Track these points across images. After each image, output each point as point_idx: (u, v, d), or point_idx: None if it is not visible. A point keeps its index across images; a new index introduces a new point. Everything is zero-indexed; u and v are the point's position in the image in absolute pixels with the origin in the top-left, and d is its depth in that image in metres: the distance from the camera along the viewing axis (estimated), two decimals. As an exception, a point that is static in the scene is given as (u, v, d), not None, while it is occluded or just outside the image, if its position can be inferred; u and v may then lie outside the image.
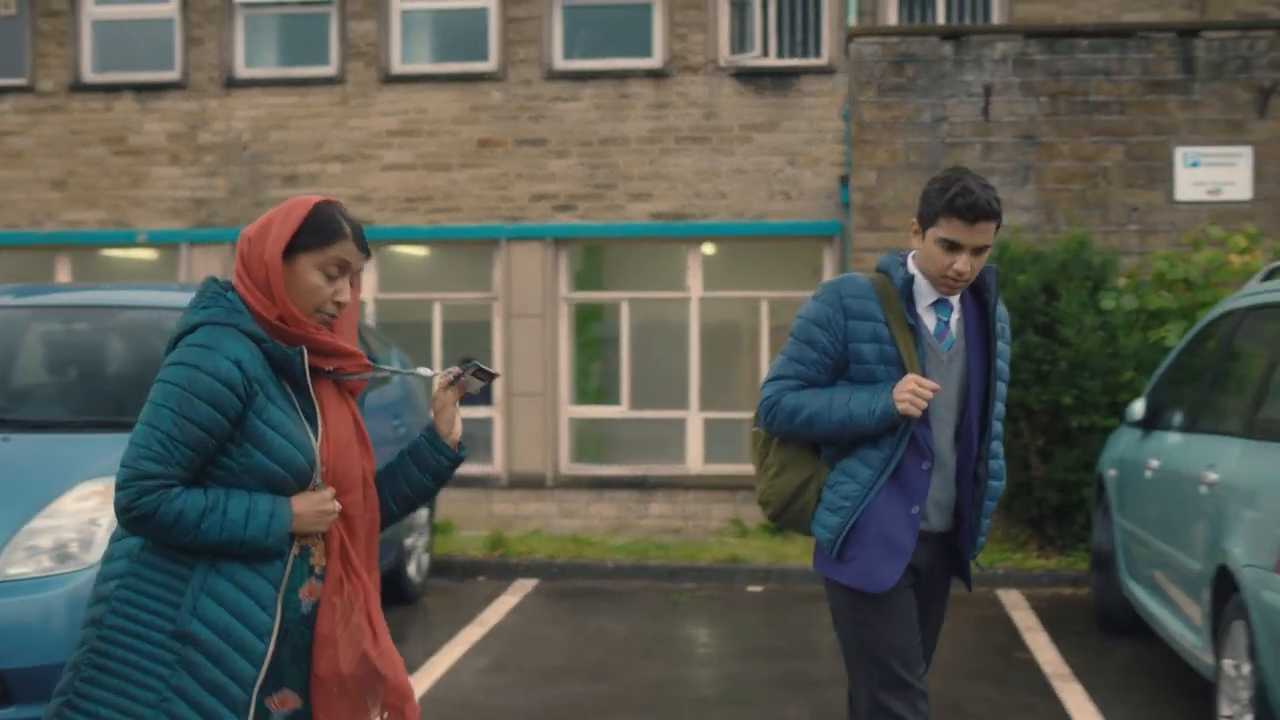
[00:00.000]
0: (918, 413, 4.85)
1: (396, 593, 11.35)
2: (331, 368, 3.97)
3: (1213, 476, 7.52)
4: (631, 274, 18.59)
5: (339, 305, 3.92)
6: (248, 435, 3.77)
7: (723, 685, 9.41)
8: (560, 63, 18.11)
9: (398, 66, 18.29)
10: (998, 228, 4.88)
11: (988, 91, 13.45)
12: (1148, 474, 9.18)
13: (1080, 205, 13.42)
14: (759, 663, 10.02)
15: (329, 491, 3.92)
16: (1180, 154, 13.50)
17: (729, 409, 17.82)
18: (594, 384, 18.55)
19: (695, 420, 17.97)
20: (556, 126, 17.94)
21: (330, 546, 3.96)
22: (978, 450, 5.11)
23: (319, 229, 3.87)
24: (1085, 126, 13.48)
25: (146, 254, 18.81)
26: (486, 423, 18.08)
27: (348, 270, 3.92)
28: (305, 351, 3.86)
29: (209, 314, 3.83)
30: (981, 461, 5.11)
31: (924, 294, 5.03)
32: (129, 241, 18.45)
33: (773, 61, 17.95)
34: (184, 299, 10.21)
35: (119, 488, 3.72)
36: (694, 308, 18.08)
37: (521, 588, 12.64)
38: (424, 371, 4.51)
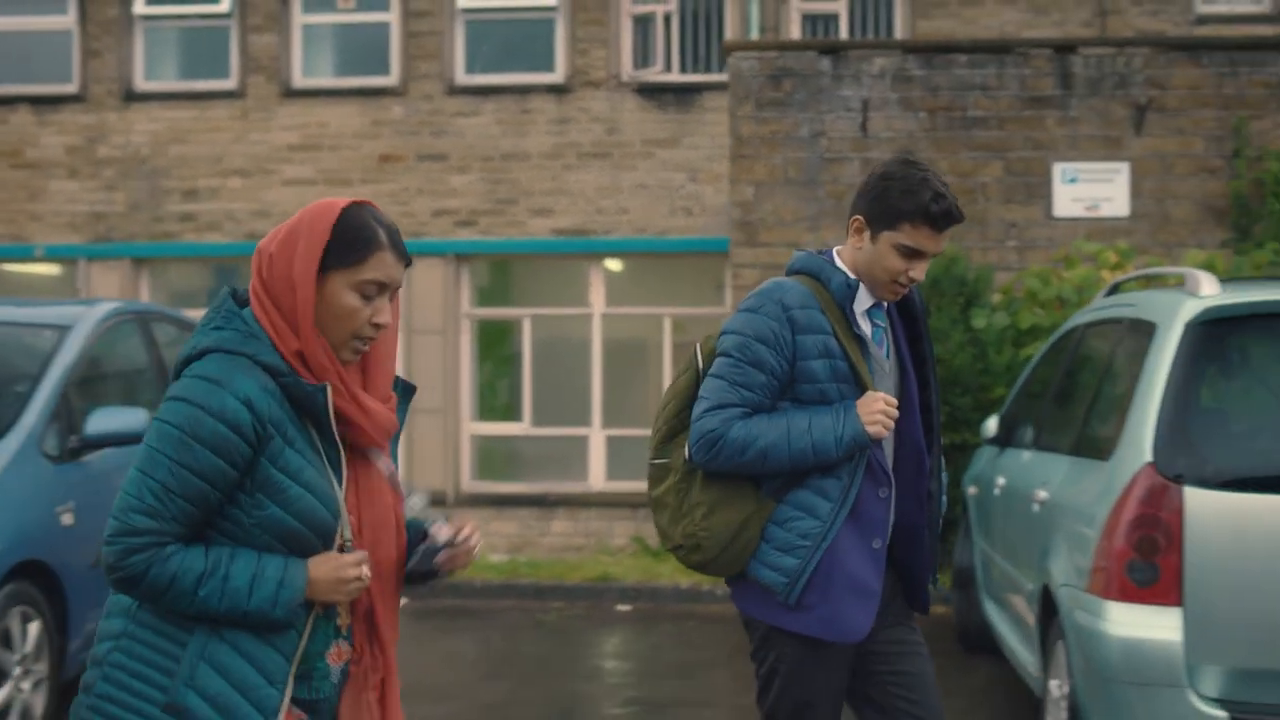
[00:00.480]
0: (886, 434, 4.44)
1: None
2: (344, 434, 3.39)
3: (1043, 495, 7.49)
4: (533, 290, 18.48)
5: (377, 329, 3.38)
6: (260, 484, 3.26)
7: (561, 705, 9.30)
8: (462, 77, 18.01)
9: (299, 80, 18.18)
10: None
11: (866, 107, 13.39)
12: (996, 492, 9.15)
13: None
14: (604, 683, 9.92)
15: (358, 555, 3.36)
16: (1058, 170, 13.45)
17: (631, 426, 17.71)
18: (496, 401, 18.43)
19: (598, 437, 17.87)
20: (458, 142, 17.84)
21: (357, 607, 3.47)
22: (929, 466, 4.65)
23: (352, 242, 3.32)
24: (963, 142, 13.43)
25: (46, 269, 18.65)
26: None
27: (387, 288, 3.37)
28: (329, 389, 3.30)
29: (220, 338, 3.30)
30: (934, 478, 4.67)
31: (861, 300, 4.58)
32: (27, 256, 18.29)
33: (675, 77, 17.88)
34: (23, 314, 10.09)
35: (106, 542, 3.24)
36: (596, 324, 17.98)
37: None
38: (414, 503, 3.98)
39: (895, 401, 4.44)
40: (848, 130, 13.41)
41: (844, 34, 17.73)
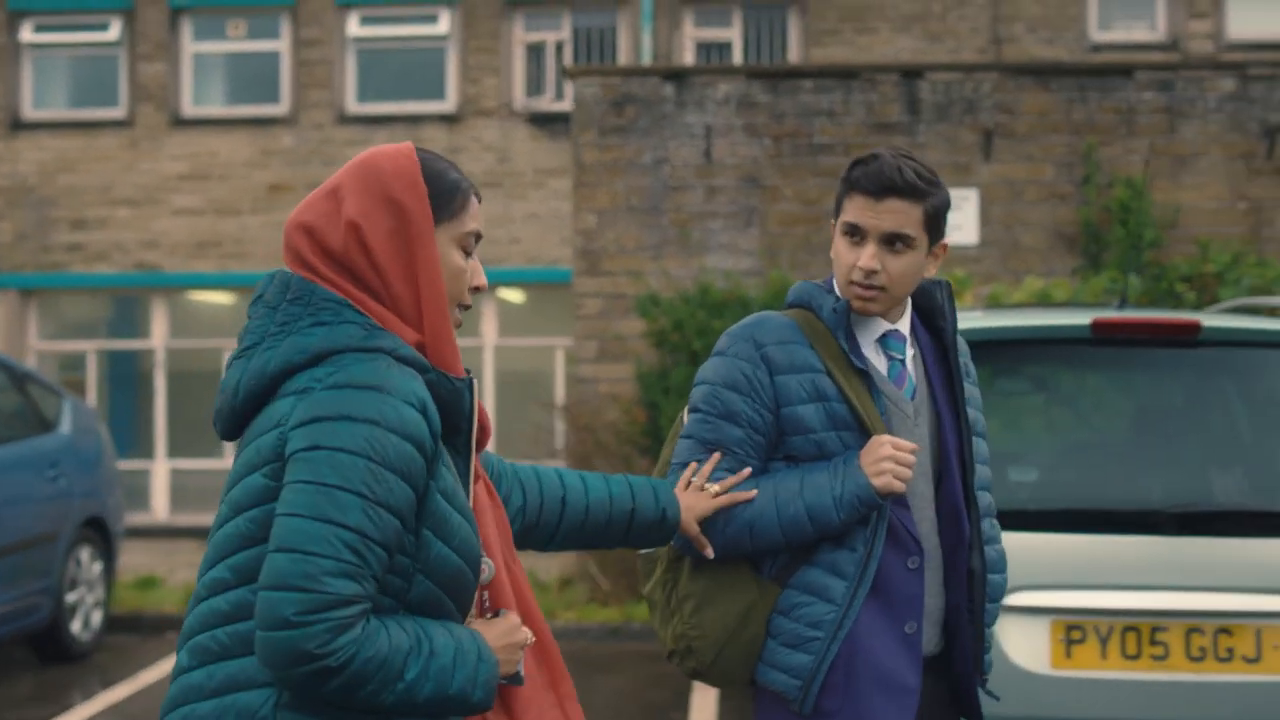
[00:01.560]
0: (903, 487, 3.48)
1: (56, 651, 10.97)
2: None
3: None
4: (426, 321, 18.24)
5: (476, 291, 2.85)
6: (427, 516, 2.59)
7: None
8: (353, 106, 17.85)
9: (188, 109, 18.03)
10: (932, 218, 3.56)
11: (710, 133, 13.14)
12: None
13: (804, 249, 13.08)
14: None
15: (513, 617, 2.76)
16: (906, 198, 13.14)
17: (525, 458, 17.44)
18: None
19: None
20: (348, 171, 17.63)
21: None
22: (969, 534, 3.65)
23: (450, 190, 2.75)
24: (810, 169, 13.16)
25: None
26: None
27: (479, 241, 2.82)
28: (474, 382, 2.75)
29: (342, 335, 2.61)
30: (974, 549, 3.64)
31: (868, 327, 3.66)
32: (-88, 285, 18.18)
33: (567, 106, 17.67)
34: None
35: (291, 623, 2.43)
36: (489, 355, 17.75)
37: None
38: None
39: (911, 446, 3.51)
40: (691, 157, 13.15)
41: (737, 60, 17.52)
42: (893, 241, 3.50)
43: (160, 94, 17.94)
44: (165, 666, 11.24)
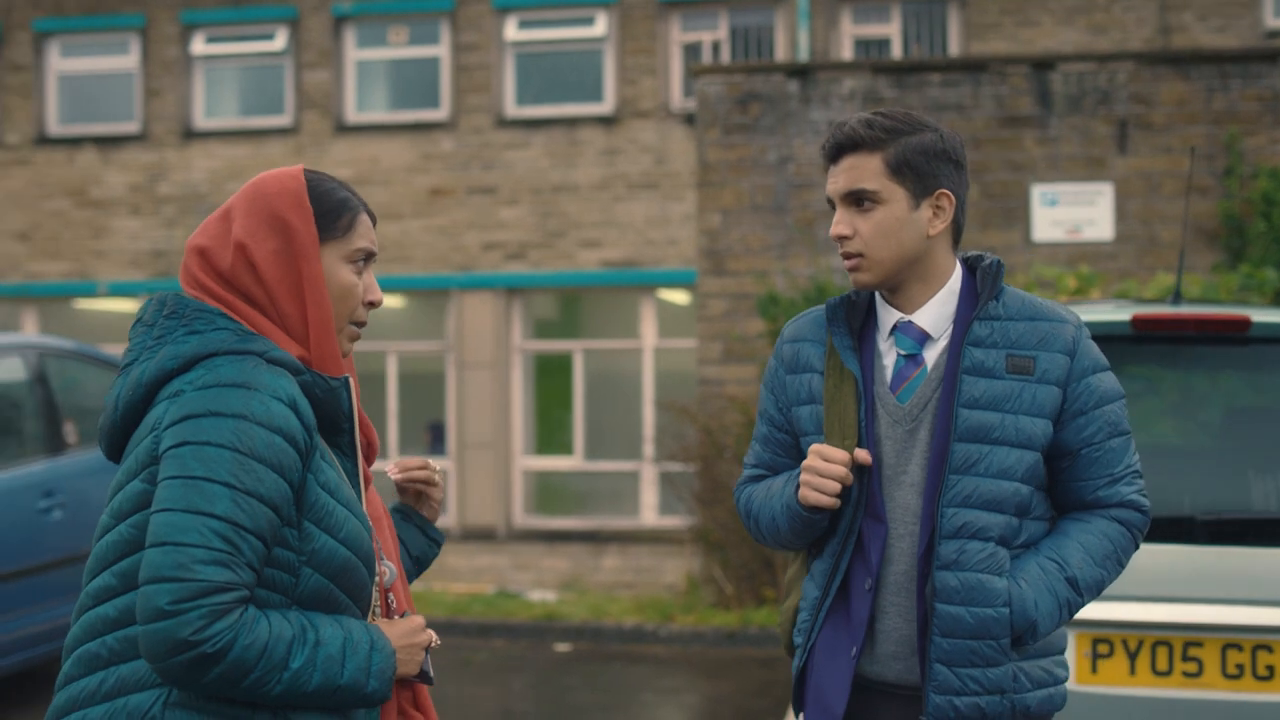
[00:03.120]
0: (823, 499, 3.26)
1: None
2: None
3: None
4: (584, 323, 18.29)
5: (370, 307, 2.89)
6: (308, 509, 2.63)
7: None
8: (511, 110, 17.93)
9: (351, 116, 18.29)
10: (898, 165, 3.27)
11: (835, 130, 12.90)
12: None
13: (934, 248, 12.74)
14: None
15: (418, 619, 2.83)
16: (1038, 192, 12.76)
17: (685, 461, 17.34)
18: (547, 435, 18.25)
19: (649, 472, 17.55)
20: (507, 175, 17.75)
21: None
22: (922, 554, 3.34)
23: (335, 208, 2.81)
24: (937, 165, 12.82)
25: (113, 304, 19.03)
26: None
27: (372, 258, 2.88)
28: (350, 381, 2.79)
29: (215, 340, 2.66)
30: (930, 573, 3.28)
31: (886, 317, 3.40)
32: (91, 293, 18.70)
33: (723, 105, 17.54)
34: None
35: (161, 615, 2.46)
36: (648, 357, 17.69)
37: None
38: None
39: (841, 456, 3.26)
40: (816, 155, 12.92)
41: (896, 52, 17.22)
42: (859, 200, 3.30)
43: (324, 101, 18.23)
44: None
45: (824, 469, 3.25)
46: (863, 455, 3.29)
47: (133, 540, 2.61)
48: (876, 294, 3.43)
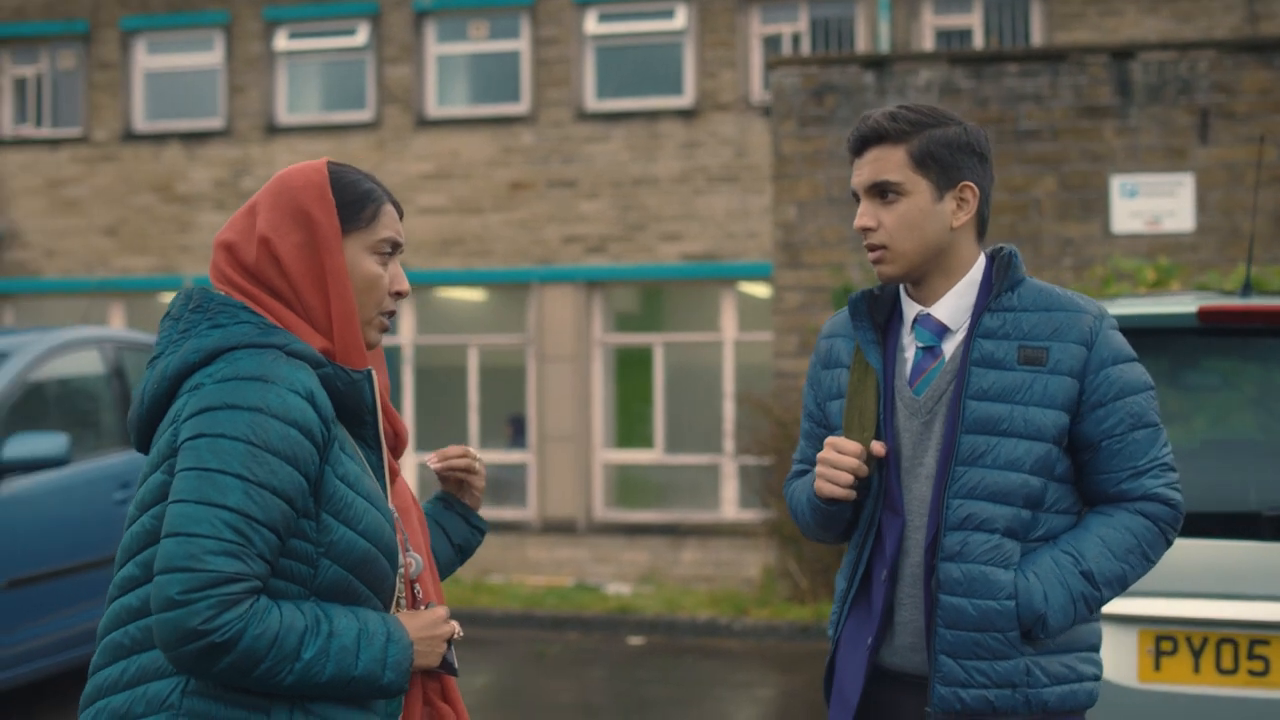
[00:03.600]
0: (838, 492, 3.27)
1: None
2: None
3: None
4: (665, 316, 18.28)
5: (398, 297, 2.90)
6: (326, 500, 2.65)
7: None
8: (591, 103, 17.94)
9: (432, 110, 18.37)
10: (922, 157, 3.26)
11: (912, 122, 12.80)
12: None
13: (1012, 239, 12.63)
14: (534, 718, 9.69)
15: (440, 610, 2.84)
16: (1117, 183, 12.62)
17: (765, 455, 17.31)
18: (627, 428, 18.25)
19: (729, 465, 17.52)
20: (587, 168, 17.76)
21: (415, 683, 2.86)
22: (929, 545, 3.31)
23: (359, 200, 2.82)
24: (1015, 156, 12.72)
25: (199, 299, 19.18)
26: (520, 467, 17.95)
27: (399, 249, 2.89)
28: (374, 374, 2.80)
29: (234, 334, 2.69)
30: (936, 564, 3.26)
31: (909, 309, 3.41)
32: (176, 287, 18.88)
33: (803, 97, 17.47)
34: None
35: (172, 604, 2.50)
36: (728, 351, 17.65)
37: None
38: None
39: (854, 448, 3.28)
40: (893, 146, 12.84)
41: (978, 42, 17.09)
42: (882, 192, 3.29)
43: (405, 96, 18.32)
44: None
45: (836, 460, 3.28)
46: (878, 447, 3.31)
47: (153, 531, 2.65)
48: (901, 288, 3.43)
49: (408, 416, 18.38)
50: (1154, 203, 12.51)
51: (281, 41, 18.73)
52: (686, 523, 17.33)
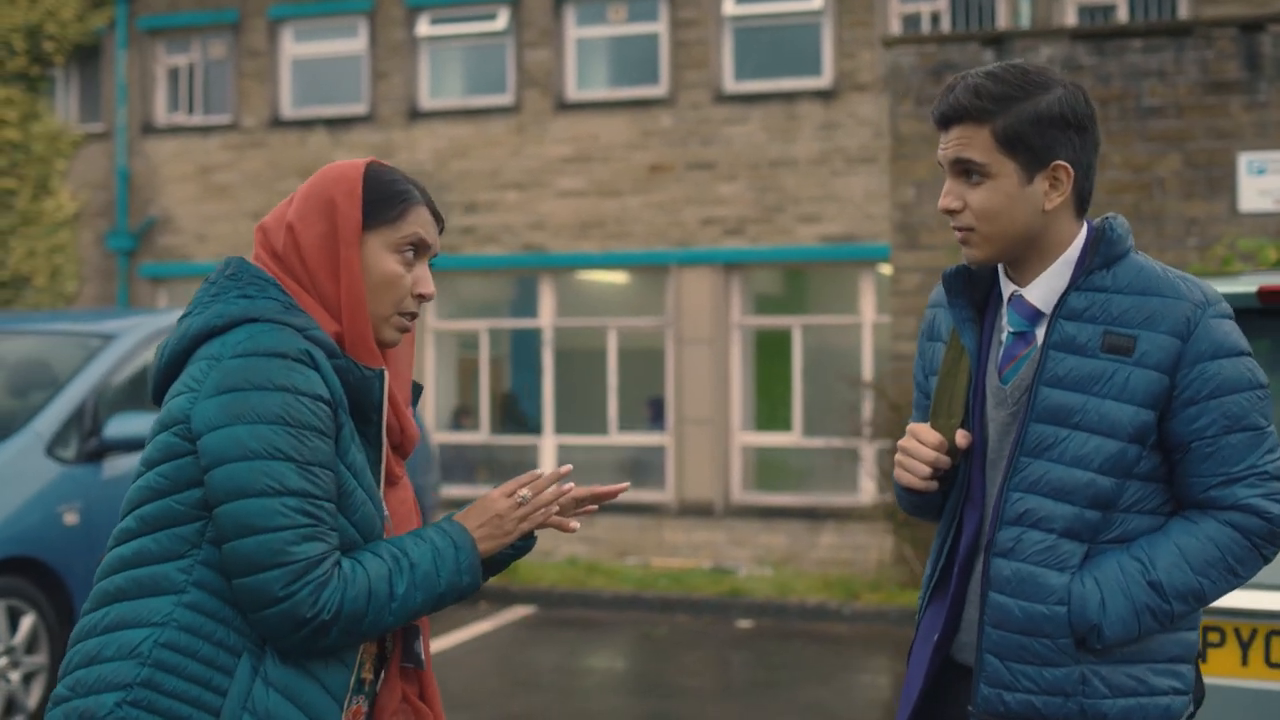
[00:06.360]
0: (915, 483, 3.13)
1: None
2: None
3: None
4: (803, 298, 18.16)
5: (421, 300, 2.90)
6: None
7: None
8: (730, 85, 17.88)
9: (572, 94, 18.44)
10: (1009, 139, 3.01)
11: (1032, 100, 12.56)
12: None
13: (1134, 218, 12.32)
14: (628, 698, 9.71)
15: (489, 495, 2.90)
16: (1244, 160, 12.25)
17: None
18: (766, 410, 18.17)
19: (868, 450, 17.36)
20: (726, 150, 17.71)
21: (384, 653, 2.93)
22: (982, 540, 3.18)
23: (387, 197, 2.83)
24: (1138, 133, 12.41)
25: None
26: (659, 450, 17.98)
27: (427, 250, 2.90)
28: (385, 375, 2.82)
29: (255, 307, 2.75)
30: (987, 560, 3.12)
31: (1007, 289, 3.19)
32: (322, 270, 19.17)
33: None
34: (78, 324, 10.62)
35: (280, 599, 2.62)
36: (867, 333, 17.49)
37: (508, 615, 12.56)
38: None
39: (934, 439, 3.13)
40: (1013, 125, 12.61)
41: (1123, 21, 16.71)
42: (968, 173, 3.05)
43: (545, 80, 18.41)
44: (461, 636, 11.56)
45: (915, 450, 3.12)
46: (962, 438, 3.14)
47: (158, 489, 2.73)
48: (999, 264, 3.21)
49: (546, 399, 18.50)
50: (1283, 181, 12.14)
51: (423, 27, 18.93)
52: (824, 506, 17.21)
